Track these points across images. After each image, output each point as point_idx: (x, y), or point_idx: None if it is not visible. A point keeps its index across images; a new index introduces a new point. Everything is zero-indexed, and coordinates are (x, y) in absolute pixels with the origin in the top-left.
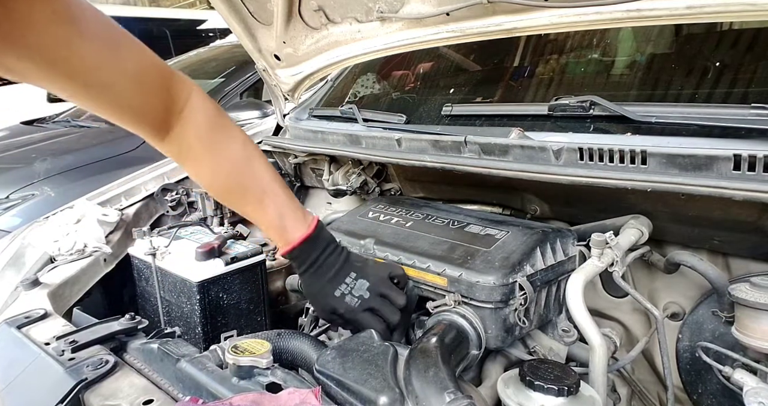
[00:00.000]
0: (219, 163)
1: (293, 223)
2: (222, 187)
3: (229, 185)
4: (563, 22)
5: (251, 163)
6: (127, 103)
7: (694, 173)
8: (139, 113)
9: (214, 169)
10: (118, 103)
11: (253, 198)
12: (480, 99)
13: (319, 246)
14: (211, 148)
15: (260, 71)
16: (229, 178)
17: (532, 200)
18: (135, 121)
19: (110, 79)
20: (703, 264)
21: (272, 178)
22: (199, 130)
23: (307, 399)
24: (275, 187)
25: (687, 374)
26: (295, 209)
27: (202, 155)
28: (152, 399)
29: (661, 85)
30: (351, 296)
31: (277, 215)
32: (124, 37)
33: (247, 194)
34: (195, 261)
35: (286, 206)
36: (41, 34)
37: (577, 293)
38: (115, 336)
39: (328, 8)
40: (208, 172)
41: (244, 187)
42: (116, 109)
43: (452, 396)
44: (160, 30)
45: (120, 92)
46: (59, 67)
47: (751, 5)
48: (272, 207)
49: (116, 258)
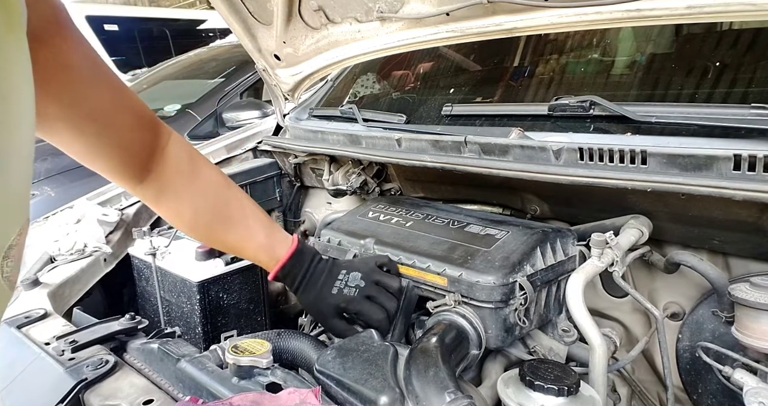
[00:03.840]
0: (201, 194)
1: (279, 241)
2: (206, 220)
3: (213, 216)
4: (563, 22)
5: (232, 189)
6: (124, 139)
7: (694, 173)
8: (130, 151)
9: (196, 201)
10: (116, 142)
11: (239, 224)
12: (480, 99)
13: (306, 258)
14: (192, 178)
15: (260, 71)
16: (214, 208)
17: (532, 200)
18: (123, 161)
19: (112, 117)
20: (703, 264)
21: (252, 202)
22: (180, 164)
23: (307, 399)
24: (256, 210)
25: (687, 374)
26: (278, 229)
27: (183, 189)
28: (152, 399)
29: (661, 85)
30: (348, 288)
31: (264, 234)
32: (115, 76)
33: (233, 221)
34: (195, 261)
35: (269, 227)
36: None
37: (577, 293)
38: (115, 336)
39: (328, 8)
40: (189, 208)
41: (228, 216)
42: (111, 149)
43: (452, 396)
44: (160, 30)
45: (119, 129)
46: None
47: (751, 5)
48: (258, 227)
49: (116, 258)
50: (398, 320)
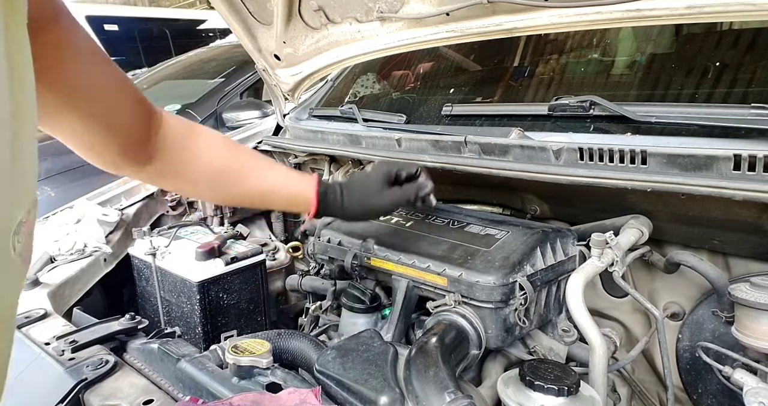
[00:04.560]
0: (206, 161)
1: (299, 176)
2: (221, 182)
3: (226, 175)
4: (563, 22)
5: (235, 146)
6: (125, 123)
7: (694, 173)
8: (131, 136)
9: (204, 168)
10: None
11: (254, 173)
12: (480, 99)
13: (329, 183)
14: (193, 148)
15: (260, 71)
16: (224, 168)
17: (532, 200)
18: (125, 146)
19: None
20: (703, 264)
21: (259, 154)
22: (178, 139)
23: (307, 399)
24: (266, 158)
25: (687, 374)
26: (291, 170)
27: (187, 162)
28: (152, 399)
29: (661, 85)
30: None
31: (285, 172)
32: (111, 61)
33: (248, 171)
34: (195, 261)
35: (284, 168)
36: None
37: (577, 293)
38: (115, 336)
39: (328, 8)
40: (199, 177)
41: (240, 169)
42: (113, 134)
43: (452, 396)
44: (160, 30)
45: (119, 113)
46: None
47: (751, 5)
48: (275, 169)
49: (116, 258)
50: (398, 320)
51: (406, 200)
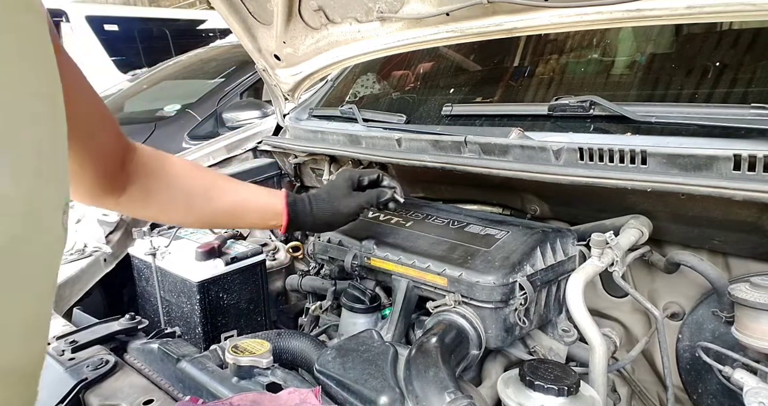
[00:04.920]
0: (179, 186)
1: (268, 192)
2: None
3: (199, 199)
4: (563, 22)
5: (205, 171)
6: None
7: (694, 173)
8: (107, 166)
9: (176, 194)
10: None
11: (226, 195)
12: (480, 99)
13: (299, 195)
14: (165, 176)
15: (260, 71)
16: (198, 192)
17: (532, 200)
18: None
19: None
20: (703, 264)
21: (227, 177)
22: (150, 168)
23: (307, 399)
24: (235, 181)
25: (687, 374)
26: (260, 188)
27: (160, 188)
28: (152, 399)
29: (661, 85)
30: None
31: (252, 191)
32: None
33: (220, 194)
34: (195, 261)
35: (253, 187)
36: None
37: (577, 293)
38: (115, 336)
39: (328, 8)
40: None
41: (212, 193)
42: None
43: (452, 396)
44: (160, 30)
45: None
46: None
47: (751, 5)
48: (246, 189)
49: (116, 258)
50: (398, 320)
51: (370, 203)
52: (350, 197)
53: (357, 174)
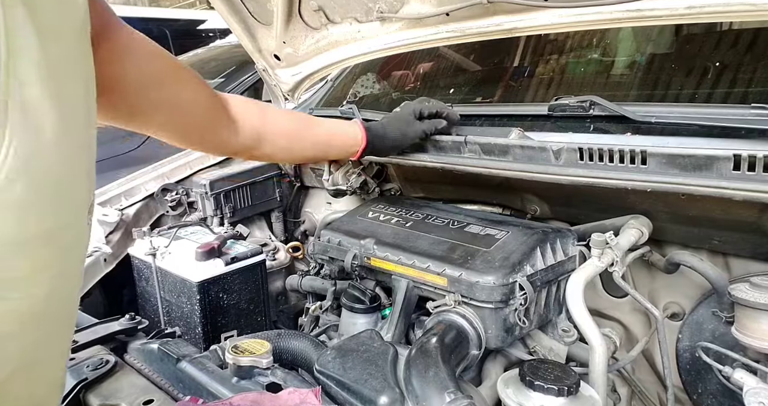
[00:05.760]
0: (280, 133)
1: (348, 124)
2: (296, 147)
3: (297, 143)
4: (563, 22)
5: (298, 117)
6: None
7: (694, 173)
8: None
9: (278, 141)
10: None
11: (316, 121)
12: (480, 99)
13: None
14: (266, 126)
15: (260, 71)
16: (296, 136)
17: (532, 200)
18: (209, 139)
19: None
20: (703, 264)
21: (316, 119)
22: (252, 120)
23: (307, 399)
24: (321, 120)
25: (687, 374)
26: (341, 122)
27: (263, 138)
28: (152, 399)
29: (661, 85)
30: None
31: (336, 121)
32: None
33: (310, 122)
34: (195, 261)
35: (335, 122)
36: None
37: (577, 293)
38: (115, 336)
39: (328, 8)
40: (276, 149)
41: (305, 121)
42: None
43: (452, 396)
44: (160, 30)
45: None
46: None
47: (751, 5)
48: (328, 120)
49: (116, 258)
50: (398, 320)
51: (431, 129)
52: (415, 124)
53: (419, 106)
